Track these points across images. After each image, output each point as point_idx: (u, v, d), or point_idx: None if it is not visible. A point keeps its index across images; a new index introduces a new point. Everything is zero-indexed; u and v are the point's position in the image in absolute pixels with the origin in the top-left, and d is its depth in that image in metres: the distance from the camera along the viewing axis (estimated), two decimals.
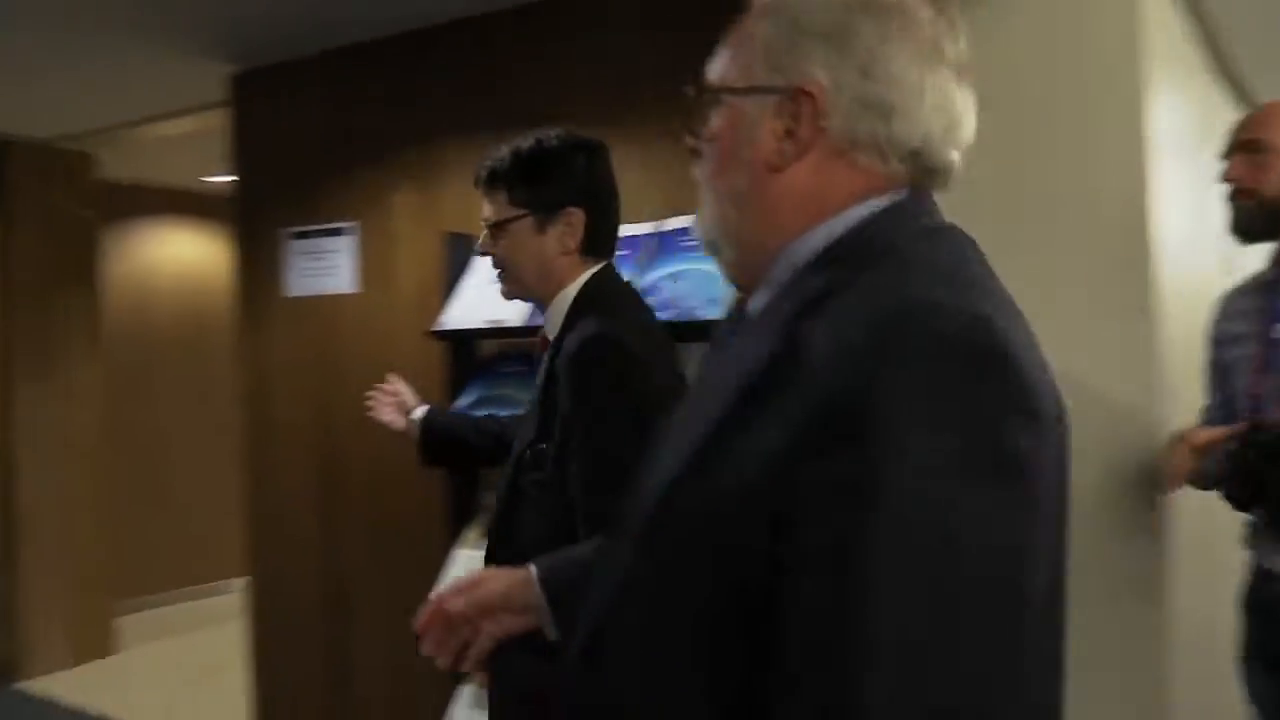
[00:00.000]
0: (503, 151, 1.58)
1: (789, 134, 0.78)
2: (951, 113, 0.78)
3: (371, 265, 3.16)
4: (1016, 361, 0.66)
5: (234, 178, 3.60)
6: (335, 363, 3.24)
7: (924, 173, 0.79)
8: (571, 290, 1.56)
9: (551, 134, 1.58)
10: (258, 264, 3.47)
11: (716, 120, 0.83)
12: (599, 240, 1.59)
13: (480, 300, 2.47)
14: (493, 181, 1.58)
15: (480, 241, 1.62)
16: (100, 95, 3.92)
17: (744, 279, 0.85)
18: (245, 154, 3.55)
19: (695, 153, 0.86)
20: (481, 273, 2.53)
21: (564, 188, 1.55)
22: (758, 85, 0.80)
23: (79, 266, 4.72)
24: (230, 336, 3.91)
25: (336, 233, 3.20)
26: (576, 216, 1.55)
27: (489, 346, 2.62)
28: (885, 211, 0.77)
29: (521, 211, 1.55)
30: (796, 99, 0.78)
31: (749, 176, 0.81)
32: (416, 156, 3.03)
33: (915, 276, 0.71)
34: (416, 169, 3.03)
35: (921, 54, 0.77)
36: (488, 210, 1.59)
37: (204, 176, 5.32)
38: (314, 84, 3.31)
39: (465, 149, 2.89)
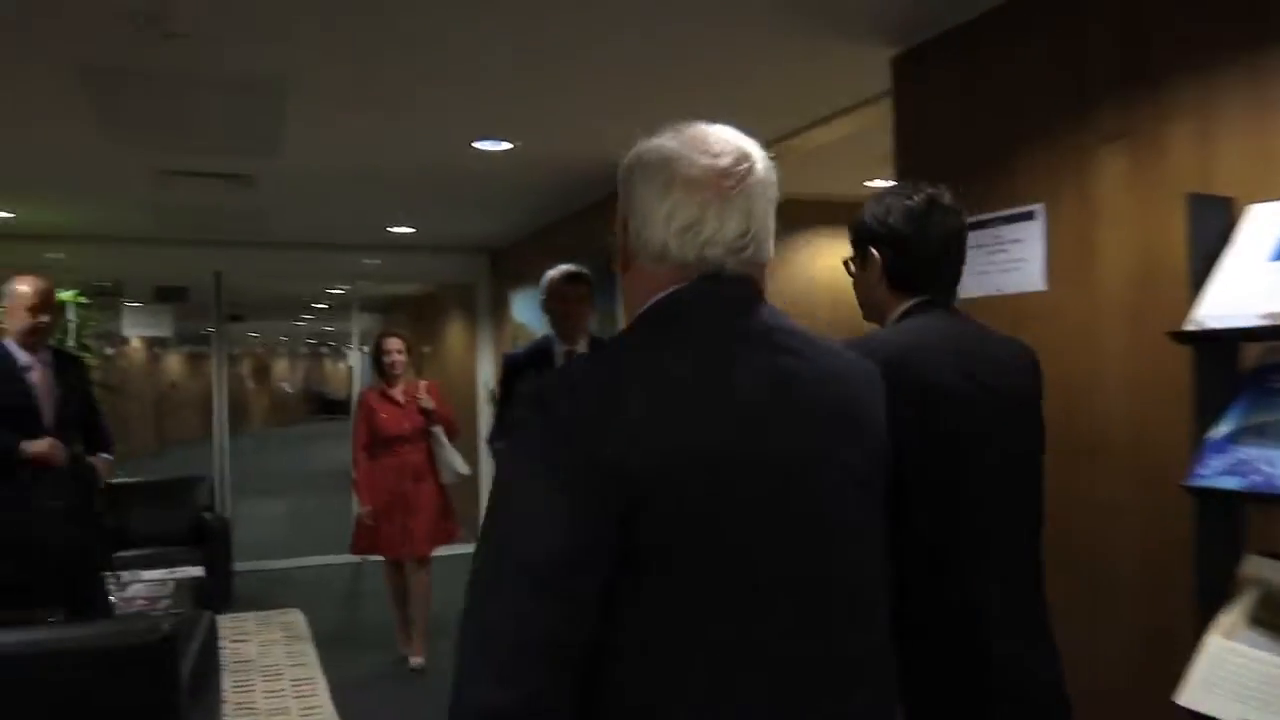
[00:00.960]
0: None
1: (620, 249, 1.21)
2: (685, 220, 1.12)
3: (1064, 253, 2.56)
4: (545, 394, 1.06)
5: (897, 174, 3.27)
6: None
7: (678, 266, 1.13)
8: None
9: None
10: None
11: None
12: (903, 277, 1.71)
13: (1253, 287, 1.74)
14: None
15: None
16: (758, 110, 3.93)
17: None
18: (908, 142, 3.21)
19: None
20: (1253, 249, 1.80)
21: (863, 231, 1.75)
22: (615, 218, 1.23)
23: None
24: None
25: (1019, 218, 2.67)
26: (877, 254, 1.72)
27: (1253, 353, 1.86)
28: (644, 311, 1.16)
29: (851, 253, 1.78)
30: (616, 226, 1.22)
31: (619, 276, 1.24)
32: (1128, 106, 2.36)
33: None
34: (1128, 122, 2.36)
35: (656, 187, 1.13)
36: None
37: (867, 181, 5.16)
38: (987, 46, 2.83)
39: (1204, 84, 2.17)
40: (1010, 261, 2.68)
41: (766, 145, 3.81)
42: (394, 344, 5.00)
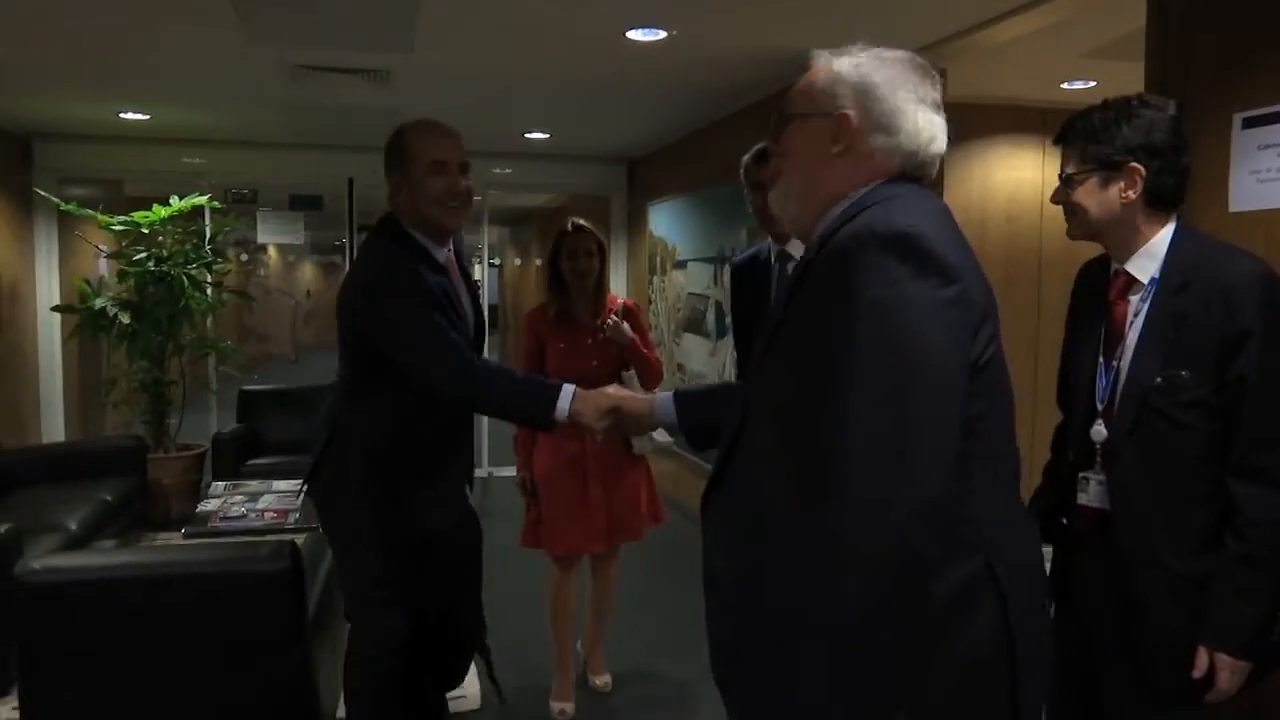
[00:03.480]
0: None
1: (834, 141, 1.36)
2: (931, 132, 1.35)
3: None
4: (922, 243, 1.20)
5: (1151, 53, 2.68)
6: None
7: (914, 166, 1.36)
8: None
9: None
10: None
11: (790, 135, 1.42)
12: (1167, 193, 1.72)
13: None
14: (1068, 138, 1.78)
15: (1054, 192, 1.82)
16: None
17: (801, 232, 1.43)
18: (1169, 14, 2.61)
19: (776, 154, 1.46)
20: None
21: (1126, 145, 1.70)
22: (816, 111, 1.38)
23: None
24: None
25: None
26: (1139, 172, 1.70)
27: None
28: (878, 187, 1.33)
29: (1090, 167, 1.73)
30: (838, 121, 1.35)
31: (807, 170, 1.40)
32: None
33: (876, 215, 1.25)
34: None
35: (911, 100, 1.34)
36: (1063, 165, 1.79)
37: (1066, 83, 4.51)
38: None
39: None
40: None
41: (951, 41, 3.27)
42: (585, 242, 3.21)
